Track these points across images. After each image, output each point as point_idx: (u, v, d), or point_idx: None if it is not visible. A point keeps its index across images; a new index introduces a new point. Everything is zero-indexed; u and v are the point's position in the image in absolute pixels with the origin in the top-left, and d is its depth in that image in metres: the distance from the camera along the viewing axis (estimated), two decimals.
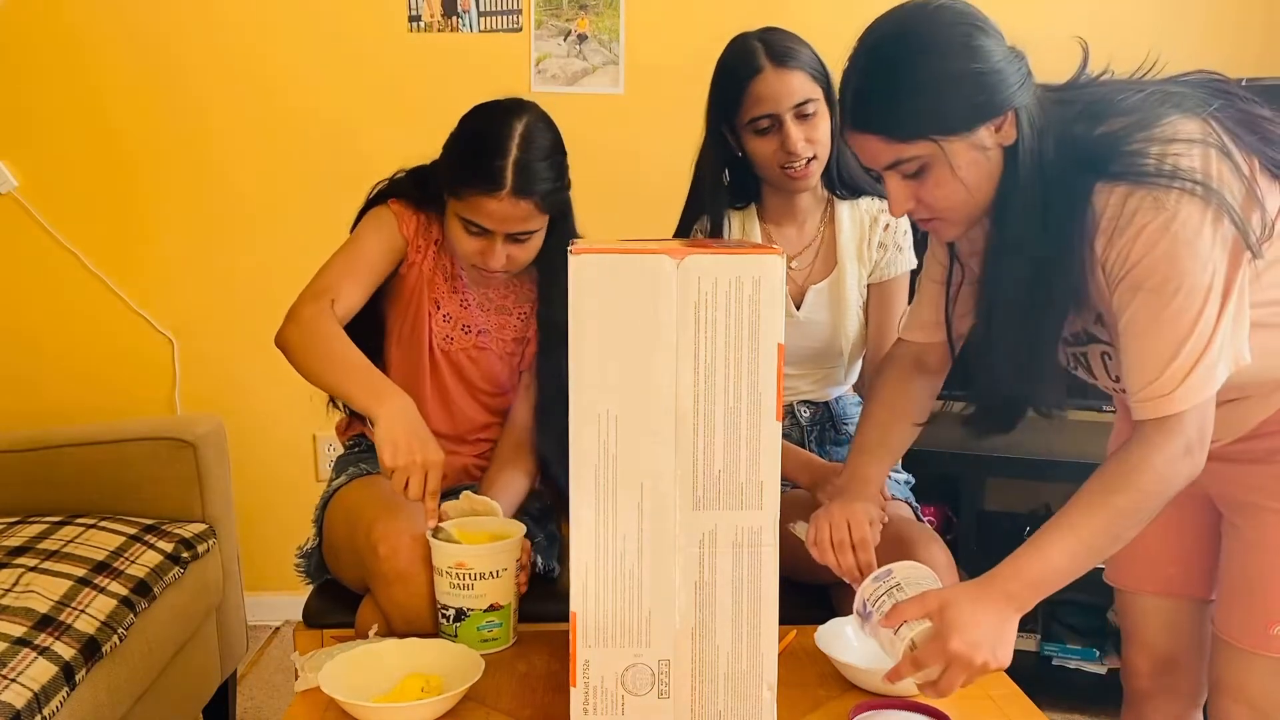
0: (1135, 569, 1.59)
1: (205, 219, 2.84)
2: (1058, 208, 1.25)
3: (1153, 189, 1.19)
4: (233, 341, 2.86)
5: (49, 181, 2.79)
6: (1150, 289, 1.21)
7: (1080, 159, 1.24)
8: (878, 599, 1.30)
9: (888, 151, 1.27)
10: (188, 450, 2.19)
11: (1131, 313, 1.23)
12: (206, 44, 2.77)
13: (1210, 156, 1.20)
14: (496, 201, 1.59)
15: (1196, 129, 1.22)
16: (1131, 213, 1.20)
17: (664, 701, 1.23)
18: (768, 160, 1.71)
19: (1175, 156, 1.19)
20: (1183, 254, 1.19)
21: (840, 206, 1.82)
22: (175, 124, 2.80)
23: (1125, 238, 1.21)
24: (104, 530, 2.05)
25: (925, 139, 1.24)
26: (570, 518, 1.21)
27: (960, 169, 1.24)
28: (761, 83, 1.67)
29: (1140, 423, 1.25)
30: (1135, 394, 1.25)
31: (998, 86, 1.22)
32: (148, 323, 2.87)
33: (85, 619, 1.76)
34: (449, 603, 1.48)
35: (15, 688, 1.54)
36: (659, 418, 1.18)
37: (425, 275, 1.74)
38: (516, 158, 1.58)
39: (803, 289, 1.81)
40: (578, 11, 2.77)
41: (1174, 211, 1.18)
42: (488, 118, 1.65)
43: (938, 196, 1.28)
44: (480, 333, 1.79)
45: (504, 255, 1.64)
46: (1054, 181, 1.25)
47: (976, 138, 1.24)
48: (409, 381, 1.77)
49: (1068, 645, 2.64)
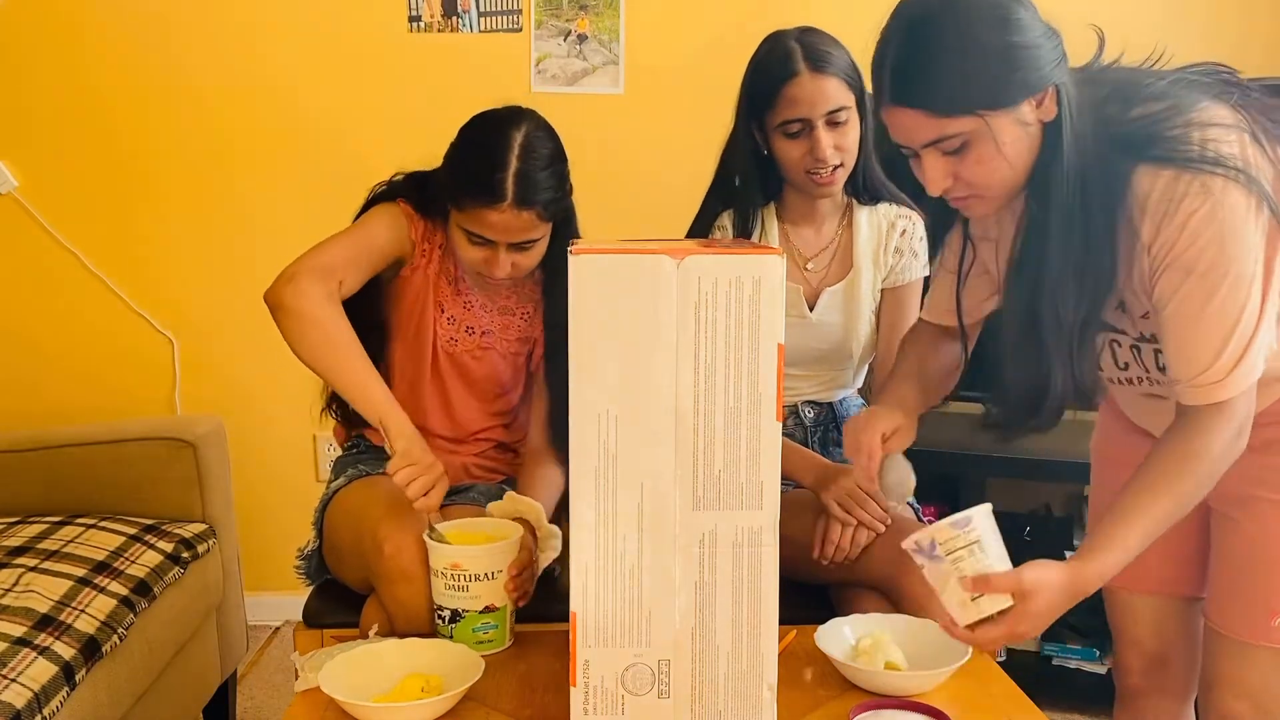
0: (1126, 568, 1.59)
1: (205, 219, 2.84)
2: (1097, 186, 1.24)
3: (1198, 174, 1.19)
4: (233, 341, 2.86)
5: (49, 181, 2.79)
6: (1199, 274, 1.21)
7: (1117, 139, 1.24)
8: (954, 551, 1.28)
9: (930, 127, 1.23)
10: (188, 450, 2.19)
11: (1179, 300, 1.24)
12: (207, 44, 2.77)
13: (1245, 143, 1.22)
14: (498, 213, 1.58)
15: (1229, 115, 1.23)
16: (1179, 198, 1.21)
17: (664, 701, 1.23)
18: (794, 164, 1.70)
19: (1215, 143, 1.20)
20: (1230, 240, 1.20)
21: (859, 211, 1.82)
22: (175, 124, 2.80)
23: (1174, 224, 1.21)
24: (104, 530, 2.05)
25: (971, 114, 1.21)
26: (570, 518, 1.21)
27: (1005, 144, 1.23)
28: (797, 86, 1.66)
29: (1192, 408, 1.27)
30: (1187, 381, 1.26)
31: (1039, 61, 1.21)
32: (148, 323, 2.87)
33: (85, 619, 1.76)
34: (444, 604, 1.48)
35: (15, 688, 1.54)
36: (659, 418, 1.18)
37: (430, 279, 1.74)
38: (517, 169, 1.58)
39: (817, 290, 1.81)
40: (578, 11, 2.77)
41: (1220, 198, 1.19)
42: (486, 129, 1.65)
43: (978, 173, 1.25)
44: (484, 334, 1.79)
45: (508, 264, 1.64)
46: (1093, 159, 1.24)
47: (1019, 113, 1.23)
48: (413, 383, 1.78)
49: (1068, 645, 2.64)
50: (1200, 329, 1.24)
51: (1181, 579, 1.56)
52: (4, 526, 2.06)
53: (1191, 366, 1.25)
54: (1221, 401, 1.25)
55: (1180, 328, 1.25)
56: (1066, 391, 1.32)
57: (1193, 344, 1.25)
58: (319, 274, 1.60)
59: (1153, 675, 1.61)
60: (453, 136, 1.68)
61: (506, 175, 1.57)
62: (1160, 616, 1.59)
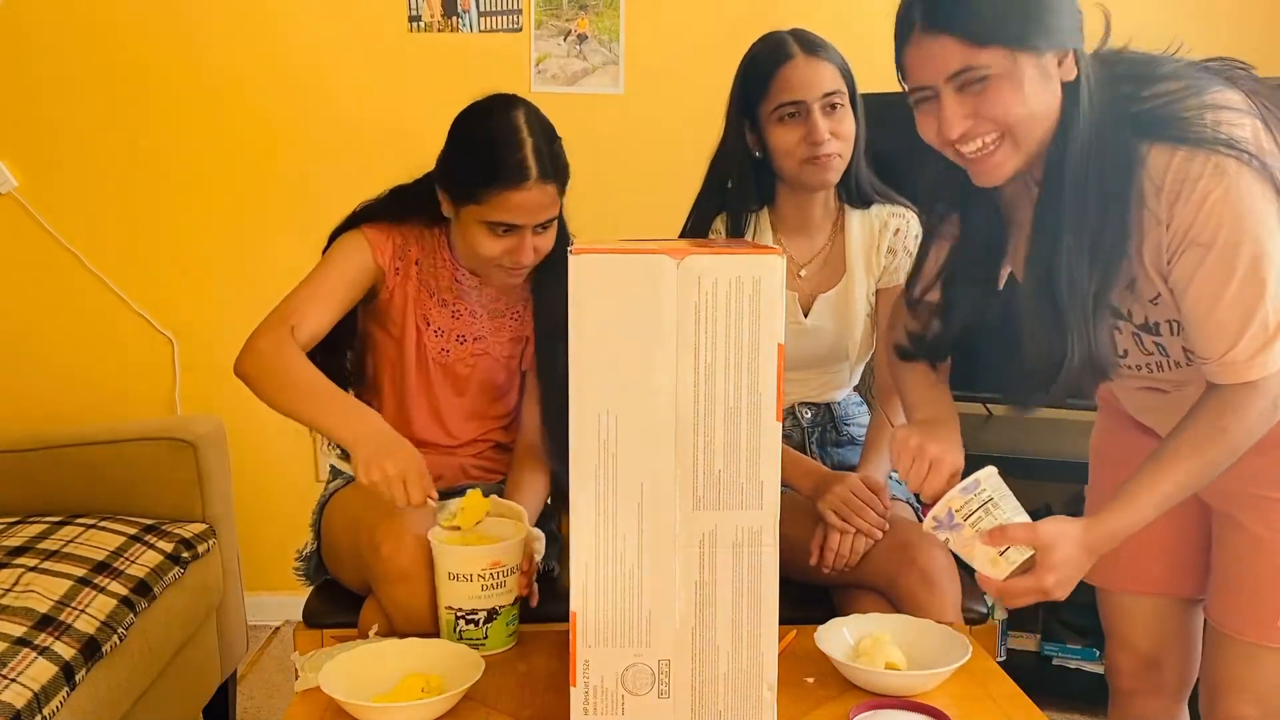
0: (1120, 568, 1.58)
1: (205, 219, 2.84)
2: (1111, 162, 1.25)
3: (1212, 154, 1.20)
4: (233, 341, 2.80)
5: (49, 181, 2.79)
6: (1218, 252, 1.22)
7: (1131, 117, 1.25)
8: (971, 514, 1.32)
9: (959, 56, 1.22)
10: (188, 450, 2.19)
11: (1201, 279, 1.24)
12: (206, 45, 2.77)
13: (1258, 129, 1.22)
14: (524, 193, 1.58)
15: (1241, 100, 1.24)
16: (1195, 178, 1.21)
17: (664, 701, 1.23)
18: (790, 152, 1.69)
19: (1229, 125, 1.21)
20: (1248, 218, 1.20)
21: (851, 215, 1.81)
22: (175, 124, 2.80)
23: (1190, 204, 1.22)
24: (104, 530, 2.05)
25: (1003, 46, 1.21)
26: (570, 518, 1.21)
27: (1027, 86, 1.23)
28: (791, 68, 1.66)
29: (1222, 386, 1.27)
30: (1214, 360, 1.27)
31: (1067, 16, 1.24)
32: (148, 323, 2.87)
33: (85, 619, 1.76)
34: (480, 605, 1.46)
35: (15, 688, 1.54)
36: (659, 418, 1.18)
37: (410, 296, 1.73)
38: (534, 145, 1.58)
39: (812, 297, 1.81)
40: (578, 11, 2.77)
41: (1235, 179, 1.19)
42: (486, 117, 1.64)
43: (999, 110, 1.24)
44: (476, 340, 1.78)
45: (531, 249, 1.63)
46: (1109, 134, 1.25)
47: (1044, 61, 1.24)
48: (404, 398, 1.77)
49: (1068, 645, 2.64)
50: (1223, 307, 1.24)
51: (1179, 580, 1.55)
52: (4, 526, 2.06)
53: (1217, 345, 1.25)
54: (1253, 381, 1.25)
55: (1203, 307, 1.25)
56: (1083, 363, 1.32)
57: (1217, 323, 1.25)
58: (268, 326, 1.62)
59: (1145, 677, 1.61)
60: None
61: (526, 153, 1.57)
62: (1155, 618, 1.59)
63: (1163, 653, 1.59)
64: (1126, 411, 1.55)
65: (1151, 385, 1.43)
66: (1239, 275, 1.22)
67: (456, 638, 1.47)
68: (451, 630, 1.48)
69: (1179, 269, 1.26)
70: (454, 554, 1.46)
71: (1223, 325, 1.24)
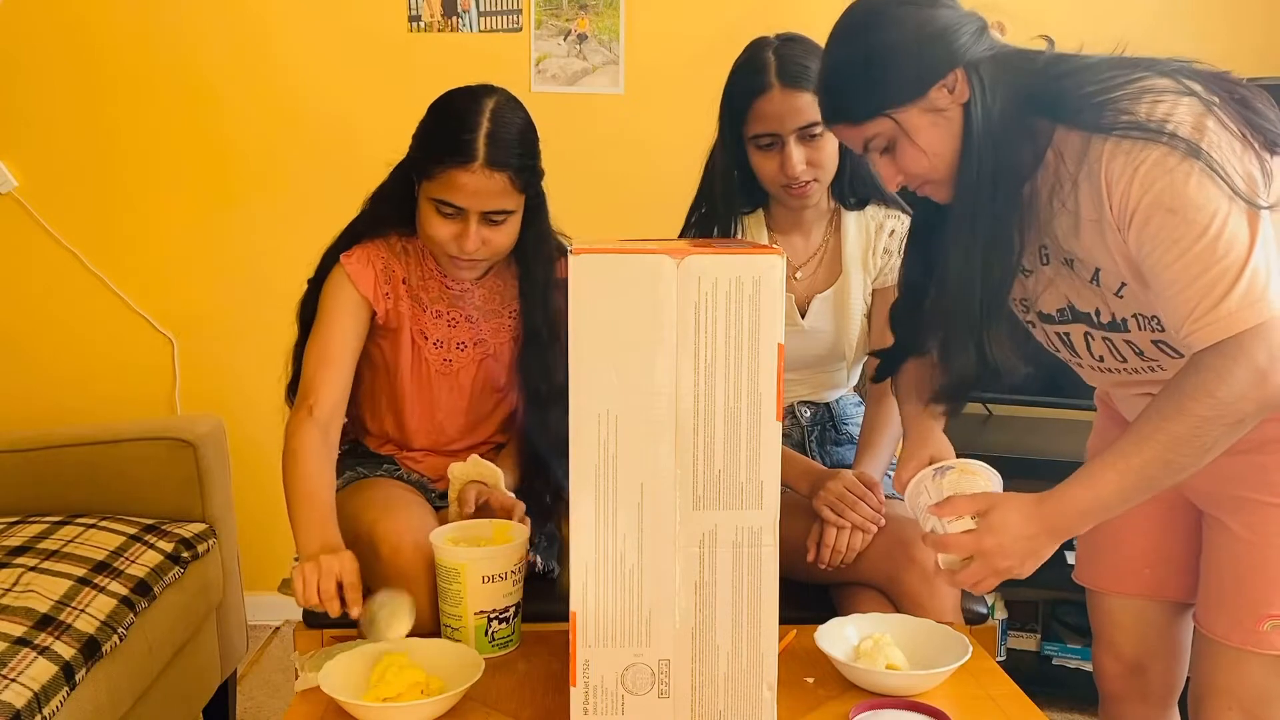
0: (1108, 570, 1.58)
1: (206, 219, 2.84)
2: (1023, 157, 1.28)
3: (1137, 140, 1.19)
4: (233, 341, 2.86)
5: (49, 181, 2.79)
6: (1164, 213, 1.18)
7: (1042, 103, 1.27)
8: (939, 489, 1.36)
9: (857, 135, 1.32)
10: (188, 450, 2.19)
11: (1151, 248, 1.20)
12: (206, 45, 2.77)
13: (1185, 104, 1.20)
14: (469, 174, 1.56)
15: (1170, 84, 1.21)
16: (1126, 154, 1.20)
17: (664, 701, 1.23)
18: (769, 177, 1.69)
19: (1152, 105, 1.19)
20: (1189, 185, 1.17)
21: (846, 216, 1.80)
22: (175, 124, 2.80)
23: (1124, 180, 1.20)
24: (104, 530, 2.05)
25: (881, 115, 1.28)
26: (570, 518, 1.21)
27: (918, 135, 1.29)
28: (767, 102, 1.64)
29: (1203, 352, 1.20)
30: (1180, 329, 1.20)
31: (943, 48, 1.26)
32: (148, 323, 2.87)
33: (85, 619, 1.76)
34: (512, 601, 1.47)
35: (15, 687, 1.54)
36: (659, 418, 1.18)
37: (405, 314, 1.72)
38: (488, 130, 1.57)
39: (808, 298, 1.80)
40: (578, 11, 2.77)
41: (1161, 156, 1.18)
42: (456, 99, 1.64)
43: (907, 165, 1.32)
44: (477, 343, 1.77)
45: (479, 238, 1.61)
46: (1014, 132, 1.27)
47: (929, 101, 1.27)
48: (409, 409, 1.77)
49: (1068, 645, 2.65)
50: (1178, 271, 1.19)
51: (1168, 583, 1.54)
52: (4, 526, 2.06)
53: (1182, 308, 1.20)
54: (1226, 341, 1.17)
55: (1160, 275, 1.21)
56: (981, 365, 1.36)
57: (1177, 288, 1.20)
58: (293, 411, 1.68)
59: (1130, 681, 1.60)
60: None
61: (478, 135, 1.56)
62: (1142, 622, 1.57)
63: (1148, 658, 1.58)
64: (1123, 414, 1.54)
65: (1146, 391, 1.42)
66: (1189, 235, 1.17)
67: (489, 642, 1.46)
68: (483, 635, 1.46)
69: (1133, 241, 1.23)
70: (487, 557, 1.45)
71: (1185, 283, 1.18)
